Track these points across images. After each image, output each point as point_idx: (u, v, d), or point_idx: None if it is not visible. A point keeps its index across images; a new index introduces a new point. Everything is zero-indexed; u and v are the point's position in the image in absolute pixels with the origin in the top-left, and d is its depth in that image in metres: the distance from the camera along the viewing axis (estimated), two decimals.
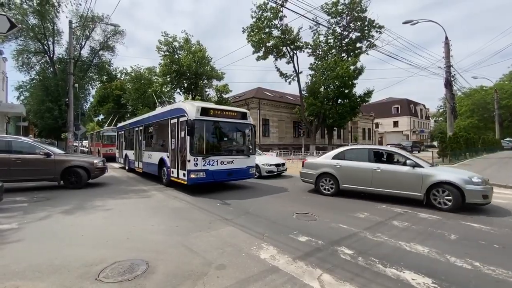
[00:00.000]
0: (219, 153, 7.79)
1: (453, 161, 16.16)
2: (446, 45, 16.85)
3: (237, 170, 8.01)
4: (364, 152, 7.28)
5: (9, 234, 4.17)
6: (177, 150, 7.84)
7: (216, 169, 7.51)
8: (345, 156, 7.49)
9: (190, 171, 7.12)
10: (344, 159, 7.40)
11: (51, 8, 11.14)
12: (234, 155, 8.11)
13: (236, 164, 8.00)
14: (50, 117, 25.09)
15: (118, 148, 16.13)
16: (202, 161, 7.22)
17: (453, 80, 17.29)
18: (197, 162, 7.13)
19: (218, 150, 7.90)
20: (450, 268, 3.18)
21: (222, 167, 7.65)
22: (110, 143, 20.77)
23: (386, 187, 6.53)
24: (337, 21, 25.89)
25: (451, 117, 17.80)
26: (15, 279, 2.77)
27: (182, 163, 7.50)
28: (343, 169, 7.26)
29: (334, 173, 7.37)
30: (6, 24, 4.96)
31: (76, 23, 22.94)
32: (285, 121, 32.66)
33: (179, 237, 4.08)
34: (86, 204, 6.27)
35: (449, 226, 4.83)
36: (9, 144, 7.78)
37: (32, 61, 28.46)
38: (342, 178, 7.26)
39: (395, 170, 6.48)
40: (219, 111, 7.88)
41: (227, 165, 7.78)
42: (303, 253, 3.51)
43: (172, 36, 29.20)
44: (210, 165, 7.39)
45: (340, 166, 7.32)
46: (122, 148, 15.12)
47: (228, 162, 7.82)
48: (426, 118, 66.25)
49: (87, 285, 2.66)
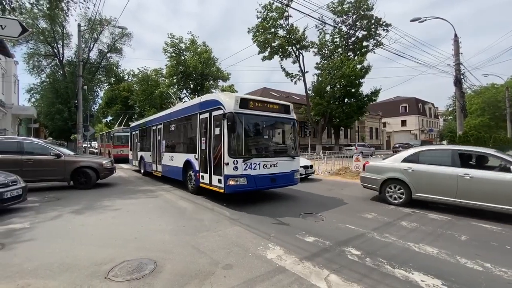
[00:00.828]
0: (262, 154, 6.47)
1: None
2: (456, 42, 16.53)
3: (281, 175, 6.58)
4: (445, 153, 6.03)
5: (21, 233, 4.27)
6: (209, 151, 6.58)
7: (258, 174, 6.12)
8: (419, 158, 6.26)
9: (229, 176, 5.80)
10: (418, 162, 6.20)
11: (60, 12, 11.34)
12: (278, 157, 6.74)
13: (280, 168, 6.59)
14: (60, 119, 25.60)
15: (132, 150, 14.88)
16: (243, 164, 5.89)
17: (463, 78, 16.97)
18: (237, 165, 5.82)
19: (260, 150, 6.58)
20: (460, 269, 3.13)
21: (265, 172, 6.26)
22: (120, 144, 20.24)
23: (479, 199, 5.22)
24: (343, 20, 25.69)
25: (461, 116, 17.46)
26: (27, 277, 2.84)
27: (216, 166, 6.26)
28: (417, 174, 6.06)
29: (405, 179, 6.20)
30: (18, 29, 5.09)
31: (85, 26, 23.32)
32: None
33: (186, 236, 4.11)
34: (95, 204, 6.38)
35: (459, 227, 4.75)
36: (21, 146, 7.99)
37: (43, 64, 29.08)
38: (416, 185, 6.06)
39: (494, 178, 5.12)
40: (260, 104, 6.58)
41: (270, 169, 6.37)
42: (310, 254, 3.49)
43: (178, 37, 29.50)
44: (252, 169, 6.03)
45: (413, 171, 6.12)
46: (136, 150, 13.86)
47: (272, 165, 6.44)
48: (435, 117, 65.09)
49: (97, 284, 2.71)
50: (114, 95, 40.02)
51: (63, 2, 10.57)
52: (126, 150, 18.57)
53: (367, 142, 39.00)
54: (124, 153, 18.81)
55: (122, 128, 21.87)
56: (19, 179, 5.88)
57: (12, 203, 5.50)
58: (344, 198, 7.25)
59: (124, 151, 19.06)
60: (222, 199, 6.80)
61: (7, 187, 5.39)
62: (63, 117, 25.54)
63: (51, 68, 29.76)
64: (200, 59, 29.26)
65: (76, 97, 15.51)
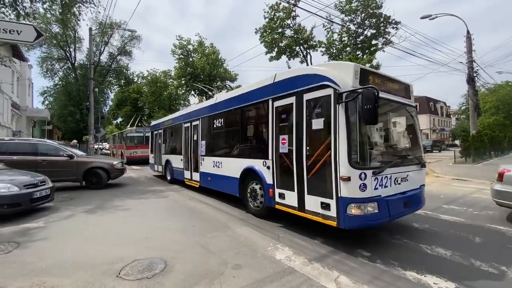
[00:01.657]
0: (392, 162, 4.06)
1: (476, 160, 15.44)
2: (468, 39, 16.13)
3: (414, 194, 4.28)
4: None
5: (36, 232, 4.40)
6: (298, 156, 4.24)
7: (390, 196, 3.83)
8: None
9: (353, 201, 3.48)
10: None
11: (72, 17, 11.64)
12: (408, 165, 4.35)
13: (411, 183, 4.27)
14: (72, 121, 26.27)
15: (154, 152, 12.67)
16: (373, 179, 3.61)
17: (476, 75, 16.55)
18: (365, 181, 3.51)
19: (387, 156, 4.35)
20: (474, 272, 3.04)
21: (397, 191, 3.98)
22: (133, 145, 19.10)
23: None
24: (352, 18, 25.41)
25: (474, 115, 17.03)
26: (42, 275, 2.92)
27: (316, 181, 3.96)
28: None
29: None
30: (33, 34, 5.23)
31: (96, 29, 23.86)
32: None
33: (195, 236, 4.15)
34: (106, 204, 6.51)
35: (473, 229, 4.61)
36: (36, 147, 8.24)
37: (56, 67, 29.91)
38: None
39: None
40: (380, 81, 4.22)
41: (401, 184, 4.07)
42: (320, 255, 3.47)
43: (186, 39, 29.80)
44: (383, 187, 3.75)
45: None
46: (160, 152, 11.65)
47: (403, 179, 4.13)
48: (447, 116, 63.58)
49: (109, 282, 2.76)
50: (124, 97, 40.74)
51: (74, 7, 10.84)
52: (140, 151, 18.03)
53: None
54: (138, 155, 17.98)
55: (135, 128, 20.79)
56: (47, 179, 6.08)
57: (41, 203, 5.68)
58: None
59: (138, 152, 18.31)
60: (228, 198, 6.63)
61: (36, 187, 5.56)
62: (75, 119, 26.20)
63: (64, 71, 30.59)
64: (208, 60, 29.50)
65: (87, 99, 15.88)
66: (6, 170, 6.25)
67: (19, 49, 15.67)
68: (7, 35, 5.13)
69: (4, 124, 15.33)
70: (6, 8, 9.63)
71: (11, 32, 5.13)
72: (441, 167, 14.08)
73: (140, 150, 18.12)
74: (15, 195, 5.08)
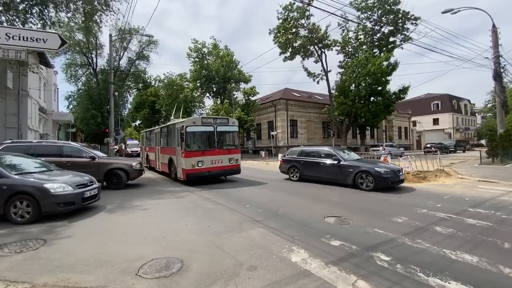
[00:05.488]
0: None
1: (504, 161, 14.56)
2: (494, 33, 15.30)
3: None
4: None
5: (61, 230, 4.62)
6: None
7: None
8: None
9: None
10: None
11: (94, 24, 12.17)
12: None
13: None
14: (94, 124, 27.45)
15: None
16: None
17: (503, 71, 15.66)
18: None
19: None
20: (503, 280, 2.86)
21: None
22: (198, 149, 9.64)
23: None
24: (368, 16, 24.80)
25: (502, 112, 16.09)
26: (66, 272, 3.05)
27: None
28: None
29: None
30: (58, 41, 5.53)
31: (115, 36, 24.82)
32: (313, 122, 32.01)
33: (211, 237, 4.19)
34: (126, 203, 6.73)
35: (502, 233, 4.34)
36: (61, 149, 8.68)
37: (79, 73, 31.44)
38: None
39: None
40: None
41: None
42: (336, 258, 3.39)
43: (201, 42, 30.33)
44: None
45: None
46: None
47: None
48: (471, 115, 60.49)
49: (129, 280, 2.85)
50: (142, 100, 42.07)
51: (96, 15, 11.31)
52: (220, 159, 9.88)
53: (395, 142, 37.19)
54: (219, 166, 9.86)
55: (201, 117, 11.23)
56: (94, 179, 6.39)
57: (90, 202, 5.98)
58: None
59: (213, 161, 9.74)
60: None
61: (86, 187, 5.86)
62: (96, 121, 27.36)
63: (86, 76, 32.09)
64: (222, 62, 29.85)
65: (108, 103, 16.51)
66: (58, 171, 6.58)
67: (45, 56, 16.54)
68: (35, 43, 5.45)
69: (33, 128, 16.23)
70: (34, 18, 10.22)
71: (38, 40, 5.45)
72: (465, 168, 13.40)
73: (218, 158, 9.94)
74: (70, 194, 5.35)
